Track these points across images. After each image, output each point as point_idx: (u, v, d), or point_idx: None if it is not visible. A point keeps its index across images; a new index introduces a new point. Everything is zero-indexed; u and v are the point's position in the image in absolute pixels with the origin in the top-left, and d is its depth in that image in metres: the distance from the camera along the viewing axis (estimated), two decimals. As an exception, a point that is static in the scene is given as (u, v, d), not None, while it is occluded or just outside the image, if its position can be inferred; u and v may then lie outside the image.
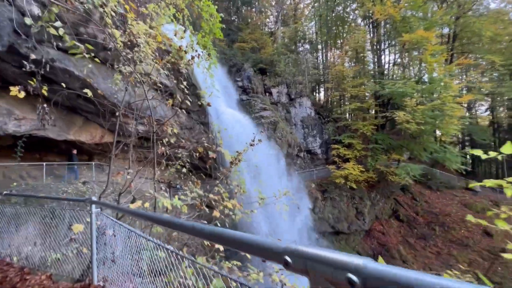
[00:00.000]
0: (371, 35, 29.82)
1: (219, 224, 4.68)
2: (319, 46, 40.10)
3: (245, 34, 33.22)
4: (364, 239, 24.58)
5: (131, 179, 6.02)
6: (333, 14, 35.11)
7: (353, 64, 33.85)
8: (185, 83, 6.65)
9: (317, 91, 38.96)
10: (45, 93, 4.20)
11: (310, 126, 27.29)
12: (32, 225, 3.82)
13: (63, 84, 5.54)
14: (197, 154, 7.17)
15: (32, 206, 8.08)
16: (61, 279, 3.35)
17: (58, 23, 3.70)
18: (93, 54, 4.59)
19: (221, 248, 3.41)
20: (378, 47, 28.22)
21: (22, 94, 3.80)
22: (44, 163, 12.23)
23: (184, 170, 7.59)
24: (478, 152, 2.50)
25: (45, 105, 3.93)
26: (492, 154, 2.49)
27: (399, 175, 21.78)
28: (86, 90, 4.12)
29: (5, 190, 9.92)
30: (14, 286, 3.26)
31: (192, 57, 5.81)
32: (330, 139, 27.85)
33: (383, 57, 29.23)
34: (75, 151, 13.73)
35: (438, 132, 28.26)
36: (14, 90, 3.72)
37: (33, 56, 4.16)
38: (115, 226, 2.85)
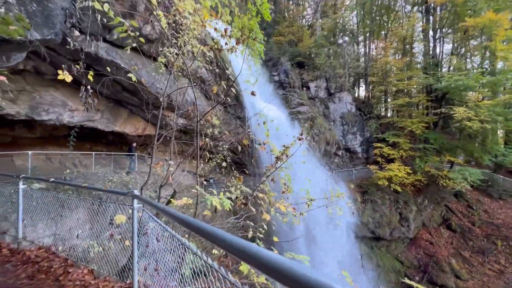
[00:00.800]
0: (423, 22, 26.78)
1: (265, 226, 4.18)
2: (360, 38, 37.42)
3: (282, 27, 32.24)
4: (408, 247, 22.43)
5: (172, 172, 5.80)
6: (378, 2, 32.33)
7: (399, 56, 30.89)
8: (229, 69, 6.23)
9: (358, 85, 36.53)
10: (91, 78, 4.07)
11: (350, 123, 25.56)
12: (76, 215, 3.69)
13: (110, 77, 5.48)
14: (241, 147, 6.73)
15: (79, 195, 8.45)
16: (101, 276, 3.12)
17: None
18: (136, 44, 4.35)
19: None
20: (432, 35, 25.24)
21: (69, 78, 3.68)
22: (93, 153, 13.00)
23: (224, 164, 7.25)
24: None
25: (88, 87, 3.73)
26: None
27: (454, 180, 19.27)
28: (130, 75, 3.86)
29: (60, 176, 10.67)
30: (57, 278, 3.12)
31: (237, 41, 5.32)
32: (372, 137, 25.82)
33: (438, 46, 26.08)
34: (134, 144, 14.70)
35: (499, 133, 24.50)
36: (61, 74, 3.60)
37: (81, 48, 4.08)
38: (157, 228, 2.49)
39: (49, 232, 3.90)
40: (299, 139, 5.36)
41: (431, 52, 25.84)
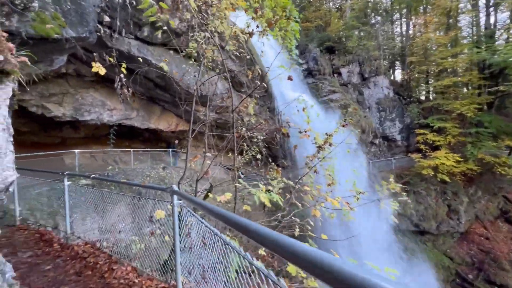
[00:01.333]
0: (473, -11, 23.50)
1: (311, 222, 3.78)
2: (395, 16, 34.26)
3: (308, 12, 30.75)
4: (459, 242, 20.40)
5: (209, 165, 5.63)
6: (416, -27, 29.09)
7: (441, 32, 27.65)
8: (258, 57, 5.86)
9: (393, 68, 33.72)
10: (124, 70, 3.97)
11: (388, 108, 23.68)
12: (118, 210, 3.64)
13: (143, 68, 5.42)
14: (275, 139, 6.37)
15: (120, 191, 8.78)
16: (144, 273, 3.00)
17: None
18: (164, 30, 4.15)
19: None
20: (485, 2, 22.10)
21: (102, 70, 3.59)
22: (132, 150, 13.58)
23: (258, 156, 6.92)
24: None
25: (122, 76, 3.60)
26: None
27: (515, 167, 16.89)
28: (161, 64, 3.66)
29: (103, 172, 11.31)
30: (103, 275, 3.07)
31: (269, 23, 4.87)
32: (413, 124, 23.70)
33: (491, 16, 22.78)
34: (176, 141, 15.44)
35: None
36: (95, 66, 3.52)
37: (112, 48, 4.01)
38: (198, 226, 2.23)
39: (94, 227, 3.93)
40: (343, 126, 4.82)
41: (483, 24, 22.71)
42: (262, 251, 3.40)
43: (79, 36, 5.53)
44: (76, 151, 10.81)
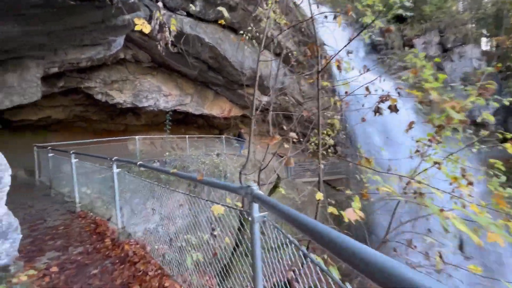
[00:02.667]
0: None
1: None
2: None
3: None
4: None
5: (275, 153, 4.59)
6: None
7: None
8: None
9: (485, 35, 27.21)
10: (174, 28, 3.09)
11: (479, 85, 19.10)
12: (171, 208, 2.84)
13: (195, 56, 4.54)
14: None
15: (174, 183, 8.39)
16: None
17: None
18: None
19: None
20: None
21: (147, 28, 2.73)
22: (187, 136, 13.55)
23: (330, 142, 5.59)
24: None
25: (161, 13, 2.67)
26: None
27: None
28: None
29: (161, 158, 11.40)
30: (152, 295, 2.27)
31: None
32: (515, 103, 18.68)
33: None
34: (242, 130, 16.08)
35: None
36: (139, 23, 2.68)
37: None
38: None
39: (145, 226, 3.28)
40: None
41: None
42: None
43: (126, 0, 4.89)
44: (137, 137, 11.06)
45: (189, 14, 8.61)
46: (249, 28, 6.29)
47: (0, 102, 5.49)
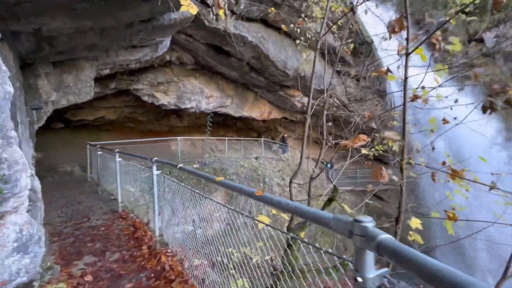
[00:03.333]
0: None
1: None
2: None
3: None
4: None
5: (331, 158, 3.97)
6: None
7: None
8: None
9: None
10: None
11: None
12: (213, 222, 2.41)
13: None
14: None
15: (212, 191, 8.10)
16: None
17: None
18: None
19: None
20: None
21: (194, 9, 2.36)
22: (226, 138, 13.45)
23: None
24: None
25: None
26: None
27: None
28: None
29: (201, 160, 11.40)
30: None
31: None
32: None
33: None
34: (286, 135, 16.26)
35: None
36: (184, 3, 2.32)
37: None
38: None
39: (183, 237, 2.91)
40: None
41: None
42: None
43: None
44: (179, 138, 11.23)
45: (233, 13, 8.41)
46: (297, 27, 5.77)
47: (58, 101, 5.83)
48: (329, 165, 17.21)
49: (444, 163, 3.26)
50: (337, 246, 12.95)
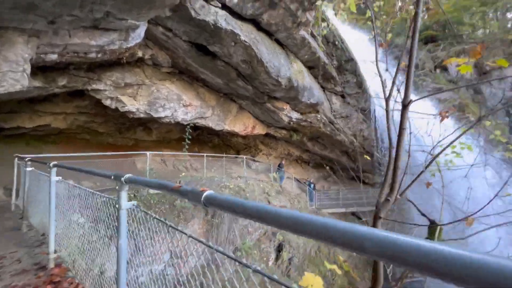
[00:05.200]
0: None
1: None
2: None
3: None
4: None
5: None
6: None
7: None
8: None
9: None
10: None
11: (527, 110, 17.30)
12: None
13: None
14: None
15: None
16: None
17: None
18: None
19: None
20: None
21: None
22: (205, 154, 11.68)
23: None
24: None
25: None
26: None
27: None
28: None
29: (175, 180, 9.41)
30: None
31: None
32: None
33: None
34: (283, 162, 15.56)
35: None
36: None
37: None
38: None
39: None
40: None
41: None
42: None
43: None
44: (148, 153, 9.22)
45: (224, 5, 7.17)
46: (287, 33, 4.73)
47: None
48: (311, 184, 16.18)
49: None
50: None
